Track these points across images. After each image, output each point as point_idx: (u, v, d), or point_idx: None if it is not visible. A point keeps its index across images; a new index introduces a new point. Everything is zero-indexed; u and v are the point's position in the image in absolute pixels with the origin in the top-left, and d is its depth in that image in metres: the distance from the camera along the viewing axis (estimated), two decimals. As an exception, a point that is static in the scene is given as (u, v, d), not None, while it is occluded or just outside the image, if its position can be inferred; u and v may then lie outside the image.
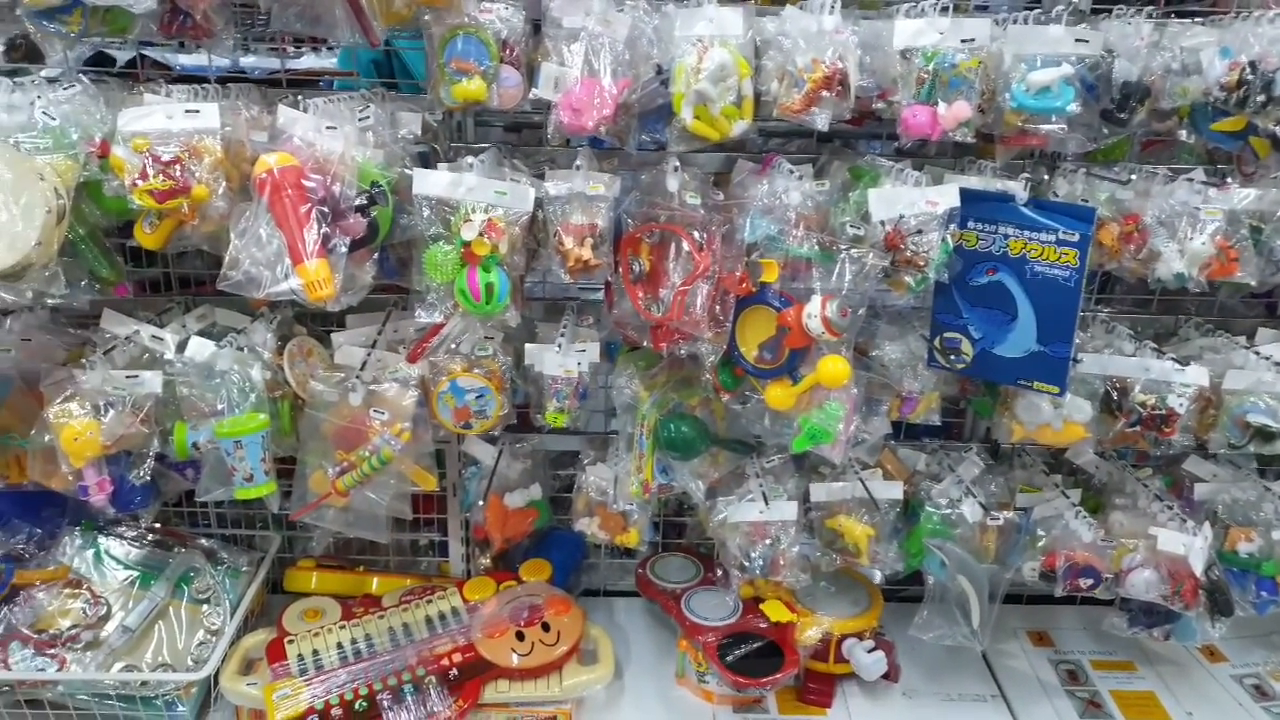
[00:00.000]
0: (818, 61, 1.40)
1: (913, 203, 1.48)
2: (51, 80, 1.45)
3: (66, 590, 1.67)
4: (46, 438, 1.50)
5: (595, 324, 1.75)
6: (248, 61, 2.45)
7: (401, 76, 1.90)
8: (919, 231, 1.48)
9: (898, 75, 1.45)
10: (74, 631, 1.62)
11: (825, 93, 1.40)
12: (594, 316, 1.78)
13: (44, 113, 1.37)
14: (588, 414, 1.73)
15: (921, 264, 1.49)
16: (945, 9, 1.42)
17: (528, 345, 1.65)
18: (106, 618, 1.66)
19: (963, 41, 1.42)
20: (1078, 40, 1.42)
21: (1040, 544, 1.72)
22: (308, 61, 2.75)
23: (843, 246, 1.49)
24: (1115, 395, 1.63)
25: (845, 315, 1.44)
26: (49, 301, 1.42)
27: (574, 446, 1.94)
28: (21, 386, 1.58)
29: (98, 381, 1.51)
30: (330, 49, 2.69)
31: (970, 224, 1.55)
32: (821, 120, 1.41)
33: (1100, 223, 1.55)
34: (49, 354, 1.65)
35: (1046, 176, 1.64)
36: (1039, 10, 1.48)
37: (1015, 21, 1.45)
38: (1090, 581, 1.67)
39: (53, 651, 1.59)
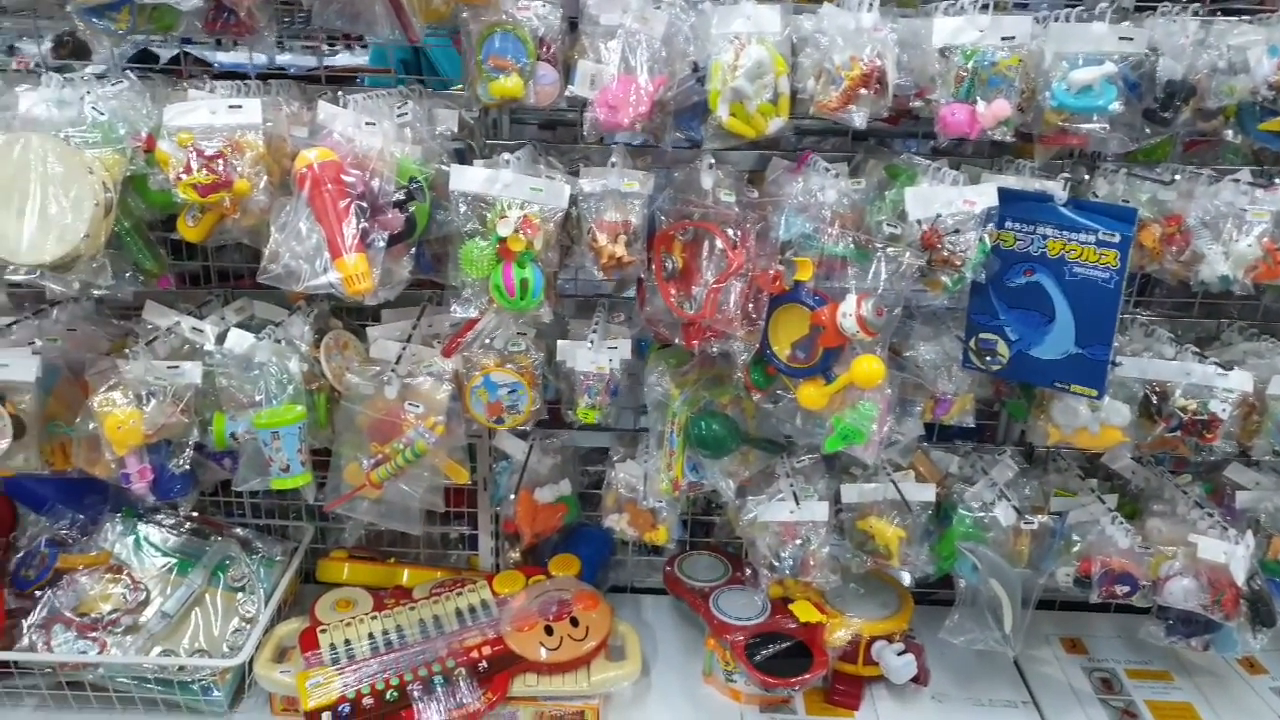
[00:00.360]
0: (855, 59, 1.39)
1: (950, 202, 1.47)
2: (100, 76, 1.48)
3: (108, 575, 1.71)
4: (91, 426, 1.53)
5: (627, 321, 1.76)
6: (283, 59, 2.50)
7: (429, 74, 1.92)
8: (956, 231, 1.47)
9: (936, 73, 1.44)
10: (114, 616, 1.65)
11: (863, 90, 1.39)
12: (625, 313, 1.79)
13: (93, 108, 1.40)
14: (618, 411, 1.73)
15: (958, 264, 1.47)
16: (985, 6, 1.41)
17: (560, 341, 1.65)
18: (145, 603, 1.70)
19: (1003, 39, 1.41)
20: (1121, 38, 1.40)
21: (1075, 549, 1.70)
22: (342, 59, 2.79)
23: (878, 245, 1.48)
24: (1155, 400, 1.60)
25: (881, 314, 1.43)
26: (95, 292, 1.45)
27: (603, 443, 1.95)
28: (68, 375, 1.62)
29: (140, 371, 1.54)
30: (363, 47, 2.73)
31: (1008, 224, 1.53)
32: (859, 118, 1.40)
33: (1141, 224, 1.52)
34: (93, 344, 1.69)
35: (1087, 176, 1.62)
36: (1081, 8, 1.46)
37: (1057, 19, 1.43)
38: (1127, 589, 1.65)
39: (94, 635, 1.63)
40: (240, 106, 1.41)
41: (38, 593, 1.67)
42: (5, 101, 1.43)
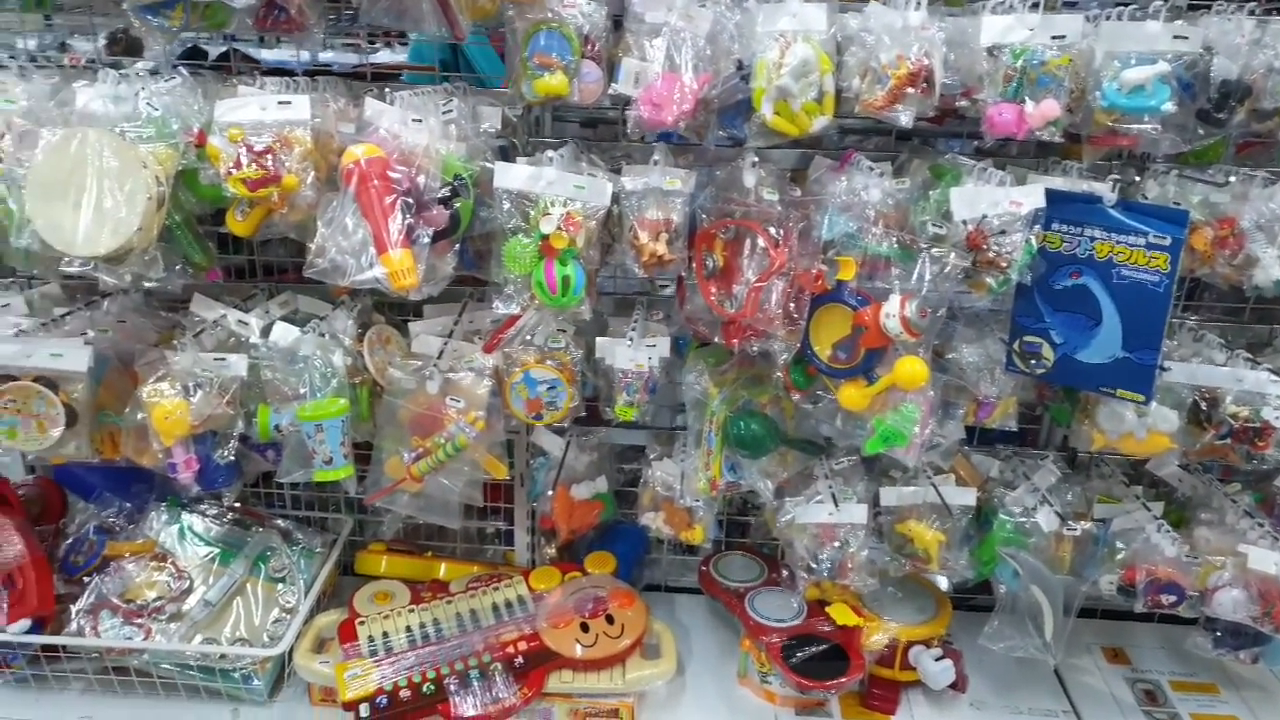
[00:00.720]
0: (902, 58, 1.38)
1: (996, 202, 1.45)
2: (153, 73, 1.51)
3: (153, 563, 1.74)
4: (139, 416, 1.55)
5: (665, 319, 1.76)
6: (325, 56, 2.52)
7: (466, 71, 1.92)
8: (1002, 232, 1.45)
9: (983, 72, 1.43)
10: (159, 603, 1.68)
11: (910, 89, 1.38)
12: (664, 311, 1.79)
13: (148, 103, 1.43)
14: (655, 409, 1.73)
15: (1004, 265, 1.45)
16: (1035, 5, 1.39)
17: (599, 339, 1.66)
18: (189, 591, 1.72)
19: (1053, 38, 1.39)
20: (1176, 37, 1.37)
21: (1119, 557, 1.67)
22: (382, 56, 2.81)
23: (923, 245, 1.47)
24: (1204, 406, 1.57)
25: (925, 316, 1.42)
26: (146, 284, 1.48)
27: (640, 441, 1.95)
28: (117, 366, 1.65)
29: (188, 363, 1.56)
30: (402, 44, 2.75)
31: (1055, 225, 1.51)
32: (905, 117, 1.39)
33: (1193, 226, 1.49)
34: (142, 335, 1.72)
35: (1137, 178, 1.59)
36: (1134, 6, 1.43)
37: (1108, 17, 1.40)
38: (1173, 599, 1.62)
39: (139, 621, 1.66)
40: (289, 103, 1.43)
41: (86, 579, 1.71)
42: (63, 97, 1.47)
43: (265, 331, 1.63)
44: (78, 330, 1.65)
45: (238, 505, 1.90)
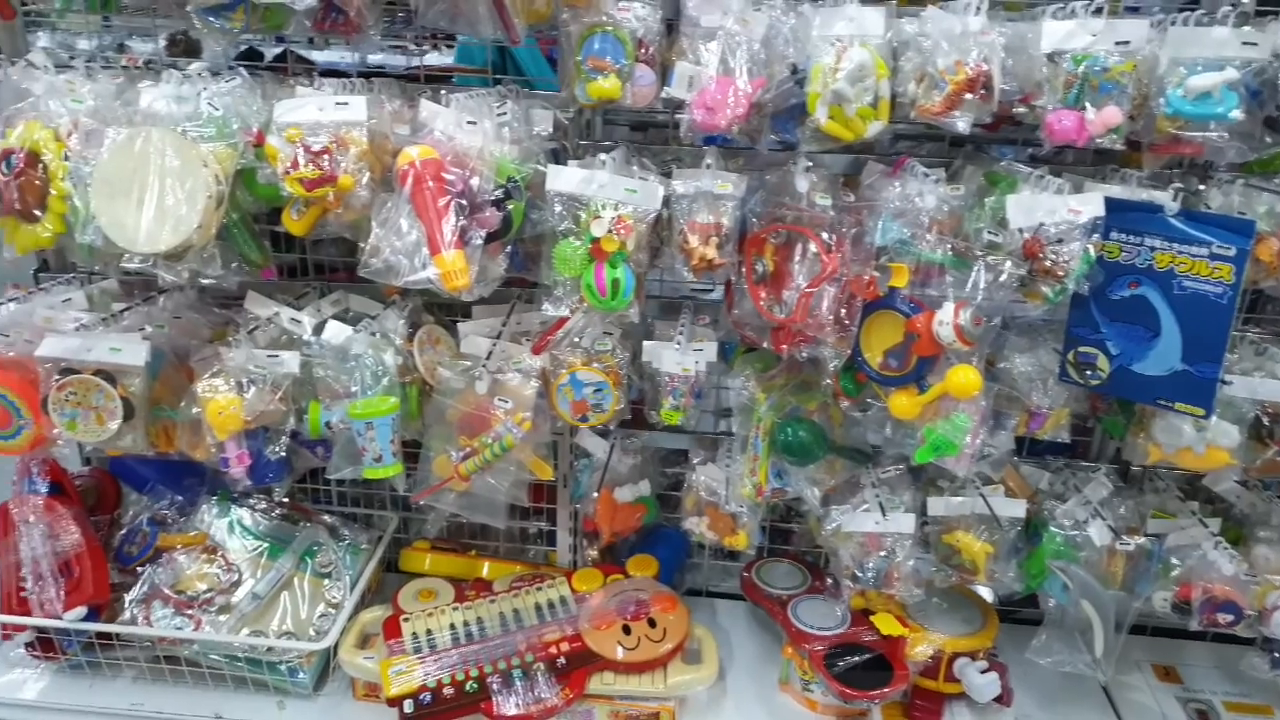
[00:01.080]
0: (960, 63, 1.37)
1: (1054, 210, 1.43)
2: (214, 73, 1.54)
3: (204, 555, 1.77)
4: (194, 410, 1.59)
5: (712, 324, 1.75)
6: (374, 58, 2.55)
7: (514, 74, 1.93)
8: (1059, 241, 1.43)
9: (1043, 78, 1.40)
10: (209, 595, 1.71)
11: (968, 95, 1.37)
12: (710, 316, 1.78)
13: (209, 103, 1.46)
14: (699, 413, 1.73)
15: (1061, 274, 1.43)
16: (1099, 10, 1.37)
17: (645, 342, 1.65)
18: (238, 584, 1.75)
19: (1116, 44, 1.36)
20: (1244, 43, 1.34)
21: (1173, 573, 1.64)
22: (430, 58, 2.84)
23: (978, 253, 1.45)
24: (1267, 421, 1.53)
25: (979, 324, 1.41)
26: (203, 281, 1.50)
27: (682, 445, 1.95)
28: (173, 361, 1.68)
29: (242, 360, 1.59)
30: (449, 46, 2.77)
31: (1113, 235, 1.48)
32: (963, 123, 1.38)
33: (1259, 237, 1.46)
34: (196, 331, 1.75)
35: (1201, 187, 1.56)
36: (1200, 11, 1.40)
37: (1173, 23, 1.38)
38: (1230, 618, 1.58)
39: (190, 612, 1.69)
40: (346, 104, 1.45)
41: (139, 569, 1.74)
42: (128, 97, 1.50)
43: (317, 329, 1.65)
44: (135, 325, 1.68)
45: (286, 500, 1.92)
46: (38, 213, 1.50)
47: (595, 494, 1.82)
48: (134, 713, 1.69)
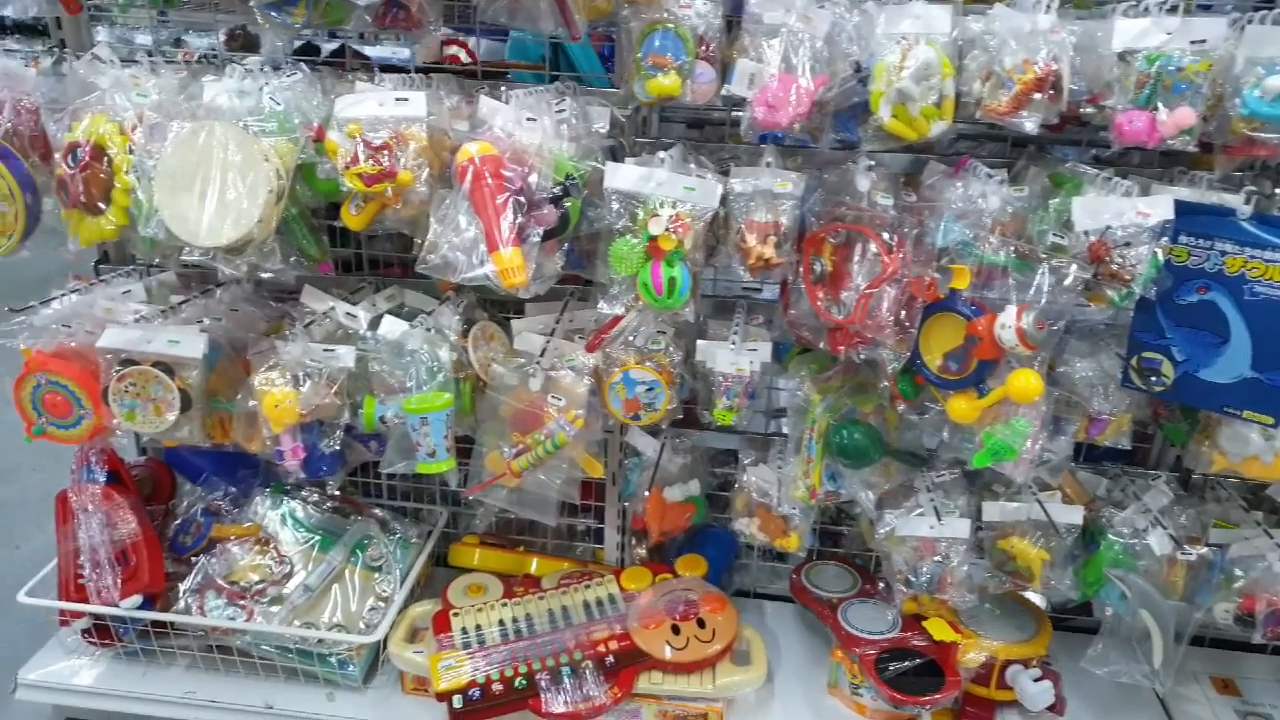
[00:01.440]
0: (1029, 63, 1.34)
1: (1121, 213, 1.40)
2: (275, 68, 1.54)
3: (257, 547, 1.78)
4: (250, 403, 1.60)
5: (765, 324, 1.74)
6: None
7: (566, 70, 1.93)
8: (1127, 244, 1.40)
9: (1113, 78, 1.37)
10: (261, 586, 1.73)
11: (1037, 95, 1.34)
12: (763, 316, 1.77)
13: (271, 98, 1.47)
14: (750, 414, 1.72)
15: (1127, 278, 1.41)
16: (1173, 9, 1.33)
17: (699, 341, 1.65)
18: (289, 576, 1.76)
19: (1192, 43, 1.33)
20: (1326, 43, 1.31)
21: (1236, 585, 1.60)
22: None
23: (1042, 256, 1.42)
24: (1338, 431, 1.50)
25: (1042, 328, 1.38)
26: (261, 275, 1.51)
27: (731, 445, 1.94)
28: (229, 353, 1.69)
29: (298, 353, 1.60)
30: (497, 41, 2.77)
31: (1182, 238, 1.45)
32: (1030, 124, 1.35)
33: (1335, 242, 1.42)
34: (252, 324, 1.76)
35: (1278, 190, 1.51)
36: (1278, 10, 1.36)
37: (1250, 21, 1.34)
38: (1296, 631, 1.55)
39: (242, 603, 1.70)
40: (406, 99, 1.45)
41: (193, 559, 1.76)
42: (191, 91, 1.51)
43: (372, 324, 1.65)
44: (194, 318, 1.70)
45: (337, 493, 1.93)
46: (102, 205, 1.52)
47: (646, 493, 1.81)
48: (187, 700, 1.71)
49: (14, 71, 1.60)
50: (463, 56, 1.97)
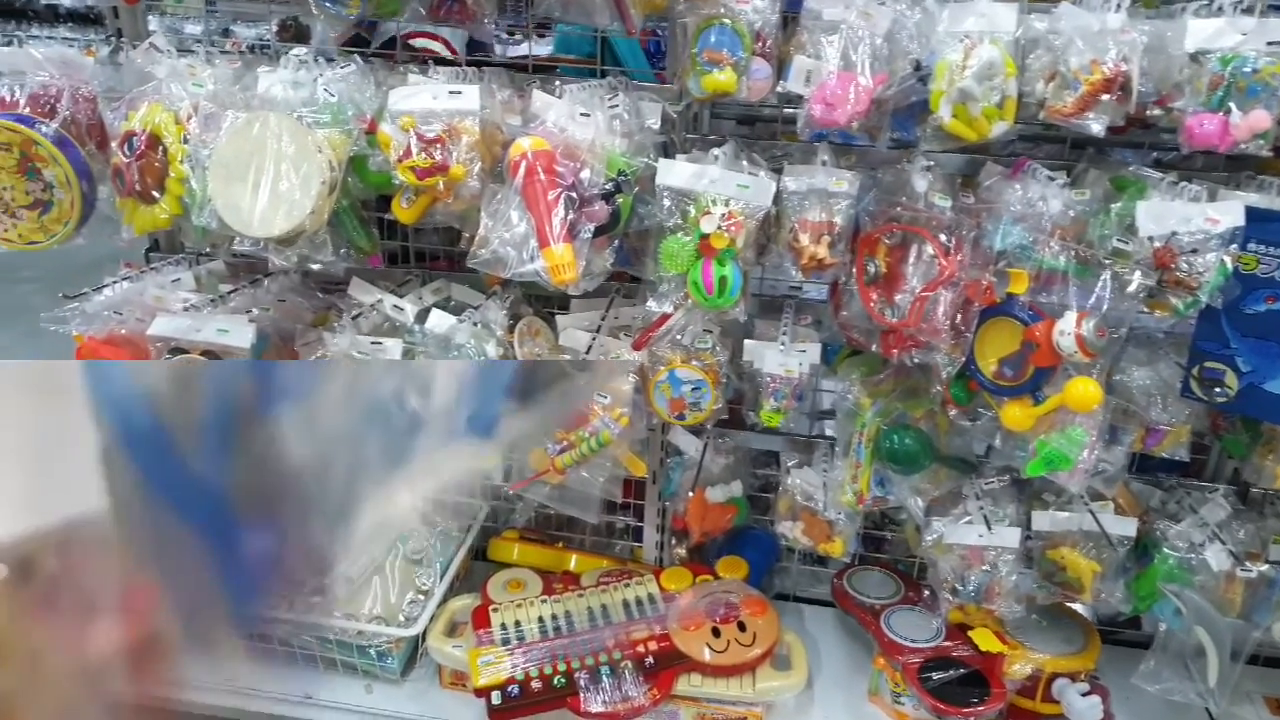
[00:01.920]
0: (1096, 63, 1.31)
1: (1188, 219, 1.36)
2: (329, 60, 1.54)
3: (299, 537, 1.79)
4: (297, 393, 1.60)
5: (814, 324, 1.71)
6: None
7: (611, 64, 1.91)
8: (1194, 251, 1.36)
9: (1183, 79, 1.34)
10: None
11: (1104, 96, 1.30)
12: (812, 316, 1.74)
13: (325, 89, 1.46)
14: (795, 416, 1.69)
15: (1194, 286, 1.36)
16: (1249, 9, 1.29)
17: (747, 342, 1.63)
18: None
19: (1269, 44, 1.29)
20: None
21: (1297, 604, 1.56)
22: (524, 48, 2.82)
23: (1103, 261, 1.39)
24: None
25: (1103, 335, 1.35)
26: (311, 266, 1.52)
27: (774, 446, 1.91)
28: (277, 343, 1.69)
29: (345, 345, 1.59)
30: (543, 36, 2.76)
31: (1251, 246, 1.40)
32: (1097, 126, 1.31)
33: None
34: (299, 315, 1.76)
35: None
36: (1358, 10, 1.32)
37: (1329, 21, 1.30)
38: (1359, 653, 1.50)
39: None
40: (460, 92, 1.44)
41: (237, 547, 1.77)
42: (246, 81, 1.52)
43: (419, 317, 1.65)
44: (242, 308, 1.70)
45: (378, 485, 1.93)
46: (156, 194, 1.53)
47: (689, 493, 1.80)
48: (227, 688, 1.72)
49: (72, 60, 1.61)
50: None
